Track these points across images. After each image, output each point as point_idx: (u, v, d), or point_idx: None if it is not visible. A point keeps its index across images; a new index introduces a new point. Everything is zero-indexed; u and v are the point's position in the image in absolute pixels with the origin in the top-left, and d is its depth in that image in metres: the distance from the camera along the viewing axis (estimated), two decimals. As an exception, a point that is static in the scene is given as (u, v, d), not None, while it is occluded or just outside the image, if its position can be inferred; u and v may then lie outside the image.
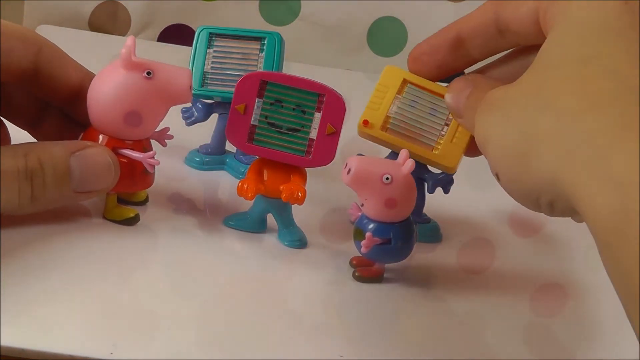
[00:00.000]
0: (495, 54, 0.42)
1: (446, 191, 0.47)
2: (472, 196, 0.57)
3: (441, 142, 0.45)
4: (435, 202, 0.51)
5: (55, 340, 0.33)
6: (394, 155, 0.46)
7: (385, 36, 0.79)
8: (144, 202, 0.45)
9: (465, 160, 0.45)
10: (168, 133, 0.44)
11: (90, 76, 0.42)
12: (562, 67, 0.33)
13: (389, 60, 0.78)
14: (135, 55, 0.41)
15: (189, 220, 0.45)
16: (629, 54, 0.32)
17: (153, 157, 0.41)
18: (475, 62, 0.43)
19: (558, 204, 0.33)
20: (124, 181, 0.41)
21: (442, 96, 0.45)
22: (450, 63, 0.43)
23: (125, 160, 0.41)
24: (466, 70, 0.44)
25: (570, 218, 0.35)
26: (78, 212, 0.42)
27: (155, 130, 0.43)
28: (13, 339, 0.33)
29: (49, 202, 0.39)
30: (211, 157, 0.52)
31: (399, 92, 0.45)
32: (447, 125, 0.45)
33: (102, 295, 0.37)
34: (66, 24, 0.73)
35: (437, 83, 0.46)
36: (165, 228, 0.44)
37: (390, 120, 0.45)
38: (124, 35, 0.75)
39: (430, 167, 0.46)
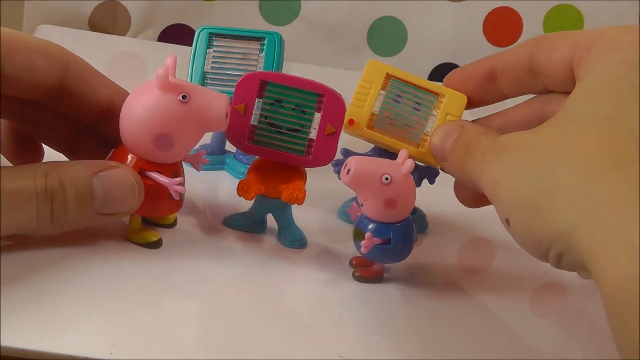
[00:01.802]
0: (523, 94, 0.43)
1: (431, 182, 0.48)
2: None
3: (427, 138, 0.45)
4: (435, 201, 0.51)
5: (55, 340, 0.33)
6: (378, 149, 0.47)
7: (385, 36, 0.79)
8: (172, 225, 0.44)
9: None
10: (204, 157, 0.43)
11: (120, 92, 0.41)
12: (587, 123, 0.33)
13: (389, 60, 0.79)
14: (174, 76, 0.39)
15: (189, 220, 0.45)
16: None
17: (181, 184, 0.40)
18: (504, 98, 0.43)
19: (567, 258, 0.33)
20: (148, 204, 0.39)
21: (426, 89, 0.45)
22: (480, 93, 0.43)
23: (152, 183, 0.39)
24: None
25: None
26: (100, 230, 0.41)
27: (189, 153, 0.41)
28: (13, 339, 0.33)
29: (70, 223, 0.38)
30: (211, 157, 0.52)
31: (383, 87, 0.45)
32: (432, 120, 0.45)
33: (102, 296, 0.37)
34: (66, 24, 0.73)
35: (421, 77, 0.46)
36: (164, 228, 0.44)
37: (376, 118, 0.45)
38: (124, 35, 0.75)
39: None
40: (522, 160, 0.35)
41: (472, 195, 0.43)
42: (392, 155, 0.45)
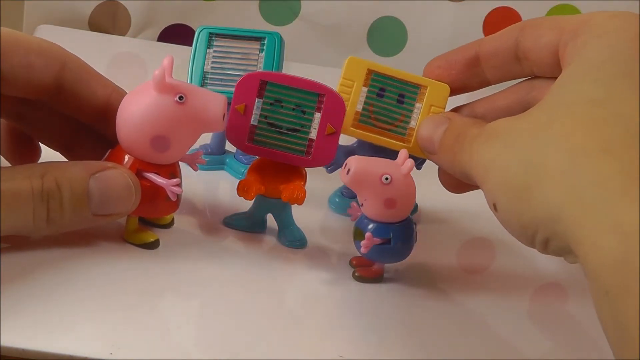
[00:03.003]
0: (508, 80, 0.43)
1: (419, 168, 0.48)
2: (472, 196, 0.56)
3: (412, 133, 0.45)
4: (435, 201, 0.51)
5: (55, 340, 0.33)
6: (361, 142, 0.47)
7: (385, 36, 0.79)
8: (168, 226, 0.43)
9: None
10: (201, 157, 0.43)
11: (118, 92, 0.41)
12: (574, 106, 0.33)
13: (389, 60, 0.79)
14: (170, 77, 0.38)
15: (189, 221, 0.45)
16: (637, 98, 0.32)
17: (178, 185, 0.39)
18: (488, 84, 0.44)
19: (554, 243, 0.33)
20: (145, 205, 0.39)
21: (409, 81, 0.45)
22: (463, 80, 0.43)
23: (149, 184, 0.39)
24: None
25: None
26: (97, 231, 0.41)
27: (187, 153, 0.41)
28: (13, 339, 0.33)
29: (66, 224, 0.38)
30: (211, 157, 0.52)
31: (365, 83, 0.45)
32: (416, 113, 0.45)
33: (102, 296, 0.37)
34: (66, 24, 0.73)
35: (402, 70, 0.46)
36: (162, 228, 0.44)
37: (360, 115, 0.45)
38: (124, 35, 0.75)
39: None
40: (509, 144, 0.35)
41: (455, 180, 0.43)
42: (378, 148, 0.45)
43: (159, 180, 0.39)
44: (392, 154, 0.43)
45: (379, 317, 0.40)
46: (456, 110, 0.44)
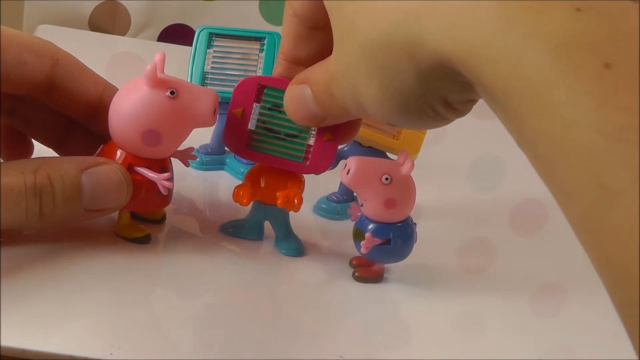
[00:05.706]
0: None
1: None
2: (473, 196, 0.57)
3: (402, 131, 0.46)
4: (435, 201, 0.51)
5: (55, 340, 0.33)
6: (355, 144, 0.47)
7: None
8: (160, 221, 0.44)
9: (466, 161, 0.45)
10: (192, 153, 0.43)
11: (110, 88, 0.41)
12: None
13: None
14: (162, 72, 0.39)
15: (189, 221, 0.45)
16: None
17: (169, 180, 0.40)
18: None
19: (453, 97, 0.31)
20: (137, 200, 0.40)
21: None
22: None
23: (140, 179, 0.40)
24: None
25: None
26: (89, 226, 0.41)
27: (178, 149, 0.41)
28: (13, 339, 0.33)
29: (59, 219, 0.38)
30: (211, 157, 0.52)
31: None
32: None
33: (102, 296, 0.37)
34: (66, 24, 0.73)
35: None
36: (164, 228, 0.44)
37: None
38: (124, 35, 0.75)
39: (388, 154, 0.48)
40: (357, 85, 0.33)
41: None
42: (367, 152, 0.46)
43: (150, 174, 0.40)
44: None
45: (379, 317, 0.40)
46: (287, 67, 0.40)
